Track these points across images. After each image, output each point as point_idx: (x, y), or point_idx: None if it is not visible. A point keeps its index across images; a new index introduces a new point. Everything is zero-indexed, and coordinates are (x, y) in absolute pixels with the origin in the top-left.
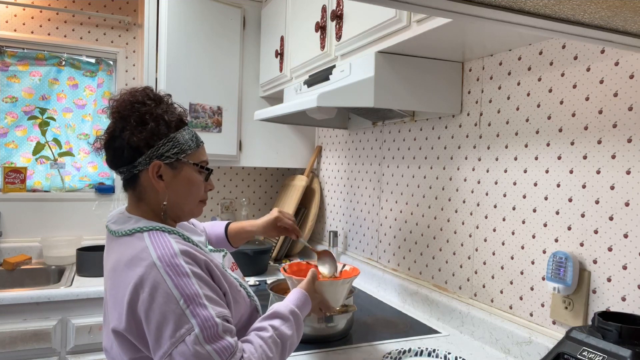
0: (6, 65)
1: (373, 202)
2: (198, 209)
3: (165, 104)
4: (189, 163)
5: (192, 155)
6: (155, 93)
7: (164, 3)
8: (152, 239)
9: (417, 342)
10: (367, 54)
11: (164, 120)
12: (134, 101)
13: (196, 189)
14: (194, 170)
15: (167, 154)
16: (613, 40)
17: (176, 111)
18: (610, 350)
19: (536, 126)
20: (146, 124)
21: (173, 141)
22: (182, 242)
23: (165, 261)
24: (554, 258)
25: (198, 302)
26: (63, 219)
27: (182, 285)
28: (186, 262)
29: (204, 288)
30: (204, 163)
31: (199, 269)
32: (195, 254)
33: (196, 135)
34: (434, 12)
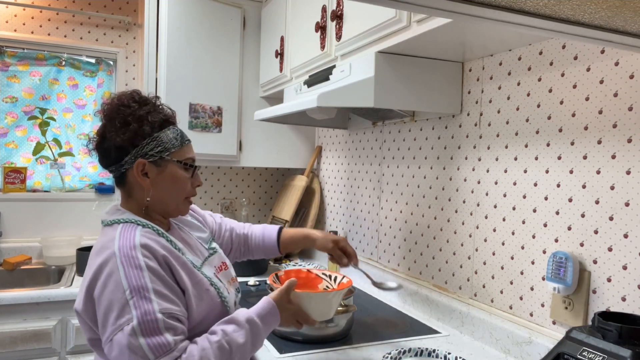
0: (6, 65)
1: (373, 202)
2: (184, 205)
3: (151, 105)
4: (173, 161)
5: (176, 153)
6: (141, 95)
7: (164, 3)
8: (122, 230)
9: (417, 342)
10: (367, 54)
11: (147, 121)
12: (120, 104)
13: (180, 185)
14: (178, 168)
15: (150, 152)
16: (613, 40)
17: (162, 112)
18: (610, 350)
19: (536, 126)
20: (129, 124)
21: (157, 140)
22: (149, 236)
23: (123, 252)
24: (554, 258)
25: (143, 295)
26: (63, 219)
27: (131, 276)
28: (143, 255)
29: (155, 282)
30: (189, 160)
31: (155, 264)
32: (155, 249)
33: (181, 134)
34: (434, 12)
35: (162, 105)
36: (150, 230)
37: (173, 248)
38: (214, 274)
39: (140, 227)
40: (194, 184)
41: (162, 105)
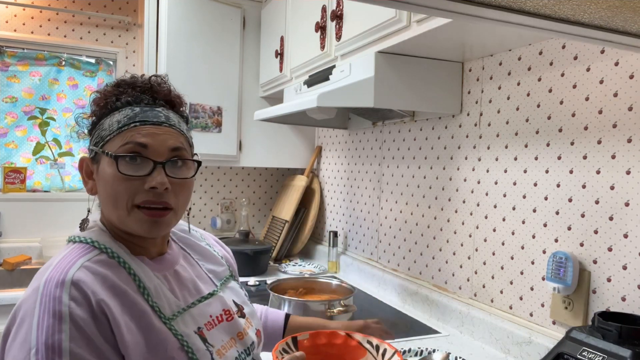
0: (6, 65)
1: (373, 202)
2: (132, 218)
3: (129, 86)
4: (104, 154)
5: (111, 142)
6: (131, 76)
7: (164, 3)
8: (66, 254)
9: (417, 342)
10: (367, 54)
11: (107, 105)
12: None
13: (112, 187)
14: (107, 162)
15: (91, 145)
16: (613, 40)
17: (139, 92)
18: (610, 350)
19: (536, 126)
20: (92, 112)
21: (98, 129)
22: (97, 268)
23: (47, 289)
24: (554, 258)
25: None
26: (63, 219)
27: (44, 327)
28: (71, 297)
29: (75, 341)
30: (124, 150)
31: (84, 312)
32: (90, 290)
33: (130, 115)
34: (434, 12)
35: (155, 84)
36: (105, 257)
37: (131, 287)
38: (198, 329)
39: (93, 252)
40: (148, 184)
41: (155, 84)
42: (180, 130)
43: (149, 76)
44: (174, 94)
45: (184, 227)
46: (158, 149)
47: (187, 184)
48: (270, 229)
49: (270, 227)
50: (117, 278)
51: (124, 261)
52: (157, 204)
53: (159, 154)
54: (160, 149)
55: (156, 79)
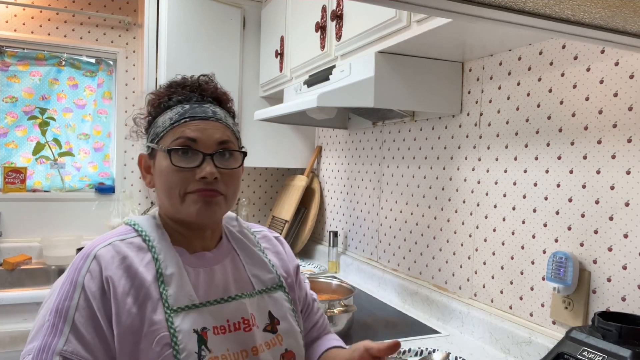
0: (6, 65)
1: (373, 202)
2: (186, 204)
3: (179, 86)
4: (159, 149)
5: (165, 137)
6: (182, 77)
7: (164, 3)
8: (113, 231)
9: (417, 342)
10: (367, 54)
11: (161, 104)
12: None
13: (167, 178)
14: (162, 156)
15: (147, 142)
16: (613, 40)
17: (187, 90)
18: (610, 350)
19: (536, 126)
20: (148, 113)
21: (153, 127)
22: (124, 247)
23: (77, 259)
24: (554, 258)
25: (58, 322)
26: (63, 219)
27: (63, 291)
28: (89, 268)
29: (81, 311)
30: (177, 143)
31: (94, 285)
32: (106, 265)
33: (183, 112)
34: (434, 12)
35: (203, 82)
36: (139, 240)
37: (149, 271)
38: (202, 329)
39: (130, 234)
40: (199, 174)
41: (203, 82)
42: (226, 124)
43: (197, 76)
44: (220, 91)
45: (244, 228)
46: (207, 142)
47: (234, 173)
48: (270, 228)
49: (271, 227)
50: (138, 260)
51: (152, 246)
52: (208, 188)
53: (207, 147)
54: (208, 142)
55: (204, 78)
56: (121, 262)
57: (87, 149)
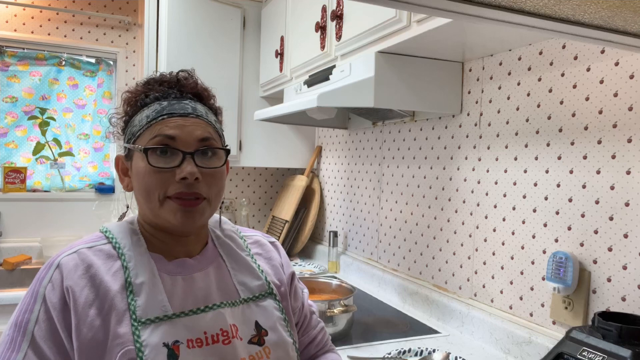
0: (6, 65)
1: (373, 202)
2: (165, 209)
3: (156, 82)
4: (136, 149)
5: (141, 136)
6: (160, 74)
7: (164, 3)
8: (83, 239)
9: (417, 342)
10: (367, 54)
11: (131, 104)
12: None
13: (144, 180)
14: (139, 156)
15: (124, 142)
16: (613, 40)
17: (165, 87)
18: (610, 350)
19: (536, 126)
20: (124, 112)
21: (130, 126)
22: (90, 255)
23: (42, 268)
24: (554, 258)
25: (16, 337)
26: (63, 219)
27: (24, 304)
28: (51, 279)
29: (40, 325)
30: (154, 141)
31: (55, 296)
32: (68, 275)
33: (158, 109)
34: (434, 12)
35: (182, 78)
36: (109, 247)
37: (116, 281)
38: (174, 343)
39: (100, 241)
40: (179, 175)
41: (182, 78)
42: (207, 120)
43: (176, 72)
44: (201, 87)
45: (233, 232)
46: (186, 140)
47: (217, 173)
48: (270, 229)
49: (271, 227)
50: (104, 269)
51: (122, 253)
52: (189, 195)
53: (187, 145)
54: (188, 140)
55: (183, 74)
56: (85, 271)
57: (87, 149)
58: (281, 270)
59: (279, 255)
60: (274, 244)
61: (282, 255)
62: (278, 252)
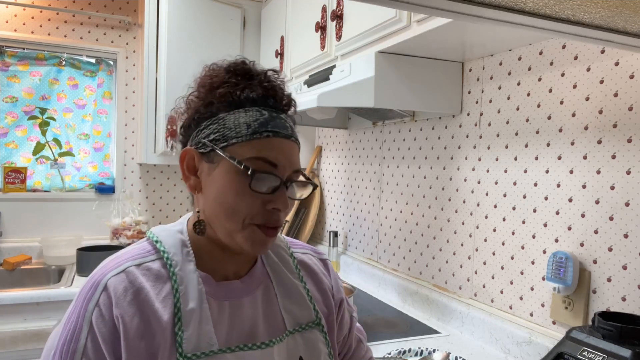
0: (6, 65)
1: (373, 202)
2: (246, 234)
3: (248, 78)
4: (229, 157)
5: (238, 146)
6: (241, 63)
7: (164, 3)
8: (131, 248)
9: (417, 342)
10: (367, 54)
11: (229, 97)
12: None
13: (233, 199)
14: (232, 169)
15: (205, 139)
16: (613, 40)
17: (262, 89)
18: (610, 350)
19: (536, 126)
20: (203, 97)
21: (217, 123)
22: (139, 275)
23: (86, 285)
24: (554, 258)
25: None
26: (63, 219)
27: (68, 330)
28: (98, 303)
29: (88, 354)
30: (259, 162)
31: (103, 322)
32: (117, 300)
33: (264, 122)
34: (434, 12)
35: (276, 83)
36: (159, 265)
37: (165, 307)
38: None
39: (149, 257)
40: (271, 204)
41: (276, 83)
42: (298, 143)
43: (265, 69)
44: (292, 97)
45: (282, 249)
46: (285, 167)
47: (293, 202)
48: None
49: None
50: (154, 293)
51: (174, 272)
52: (275, 224)
53: (284, 173)
54: (287, 167)
55: (274, 74)
56: (135, 297)
57: (87, 149)
58: (330, 297)
59: (329, 278)
60: (324, 263)
61: (333, 277)
62: (329, 274)
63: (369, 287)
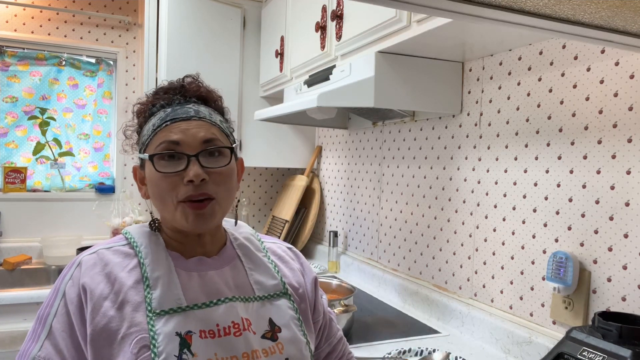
0: (6, 65)
1: (373, 202)
2: (178, 213)
3: (159, 93)
4: (146, 157)
5: (149, 145)
6: (166, 84)
7: (164, 3)
8: (103, 241)
9: (417, 342)
10: (367, 54)
11: (140, 113)
12: None
13: (156, 187)
14: (148, 164)
15: (138, 154)
16: (613, 40)
17: (170, 94)
18: (610, 350)
19: (536, 126)
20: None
21: (140, 135)
22: (109, 254)
23: (67, 265)
24: (554, 258)
25: (37, 329)
26: (63, 219)
27: (49, 299)
28: (71, 275)
29: (59, 318)
30: (159, 148)
31: (73, 291)
32: (86, 272)
33: (163, 116)
34: (434, 12)
35: (186, 84)
36: (127, 247)
37: (132, 277)
38: (187, 332)
39: (120, 242)
40: (186, 178)
41: (186, 84)
42: (211, 121)
43: (182, 77)
44: (205, 89)
45: (250, 235)
46: (190, 143)
47: (225, 172)
48: (270, 229)
49: (271, 227)
50: (121, 266)
51: (139, 251)
52: (197, 196)
53: (192, 148)
54: (192, 143)
55: (188, 79)
56: (102, 269)
57: (87, 148)
58: (300, 275)
59: (297, 262)
60: (292, 251)
61: (301, 261)
62: (297, 258)
63: (369, 287)
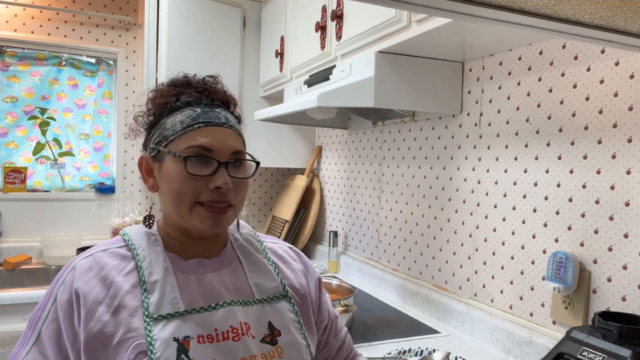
0: (6, 65)
1: (373, 202)
2: (194, 214)
3: (185, 86)
4: (170, 153)
5: (175, 141)
6: (182, 77)
7: (164, 3)
8: (99, 243)
9: (417, 342)
10: (367, 54)
11: (167, 104)
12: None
13: (177, 185)
14: (172, 161)
15: (152, 144)
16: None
17: (195, 92)
18: (610, 350)
19: (536, 126)
20: (149, 110)
21: (160, 128)
22: (105, 258)
23: (60, 271)
24: (554, 258)
25: (27, 333)
26: (63, 219)
27: (41, 302)
28: (64, 280)
29: (48, 324)
30: (190, 150)
31: (65, 296)
32: (80, 276)
33: (195, 116)
34: (434, 12)
35: (210, 84)
36: (124, 249)
37: (129, 280)
38: (185, 338)
39: (117, 244)
40: (212, 184)
41: (210, 84)
42: (238, 131)
43: (202, 76)
44: (229, 95)
45: (251, 236)
46: (221, 151)
47: (245, 182)
48: (270, 228)
49: (271, 227)
50: (117, 269)
51: (137, 253)
52: (221, 202)
53: (222, 155)
54: (223, 151)
55: (210, 79)
56: (98, 273)
57: (87, 148)
58: (302, 276)
59: (298, 262)
60: (293, 250)
61: (303, 261)
62: (299, 258)
63: (369, 287)
